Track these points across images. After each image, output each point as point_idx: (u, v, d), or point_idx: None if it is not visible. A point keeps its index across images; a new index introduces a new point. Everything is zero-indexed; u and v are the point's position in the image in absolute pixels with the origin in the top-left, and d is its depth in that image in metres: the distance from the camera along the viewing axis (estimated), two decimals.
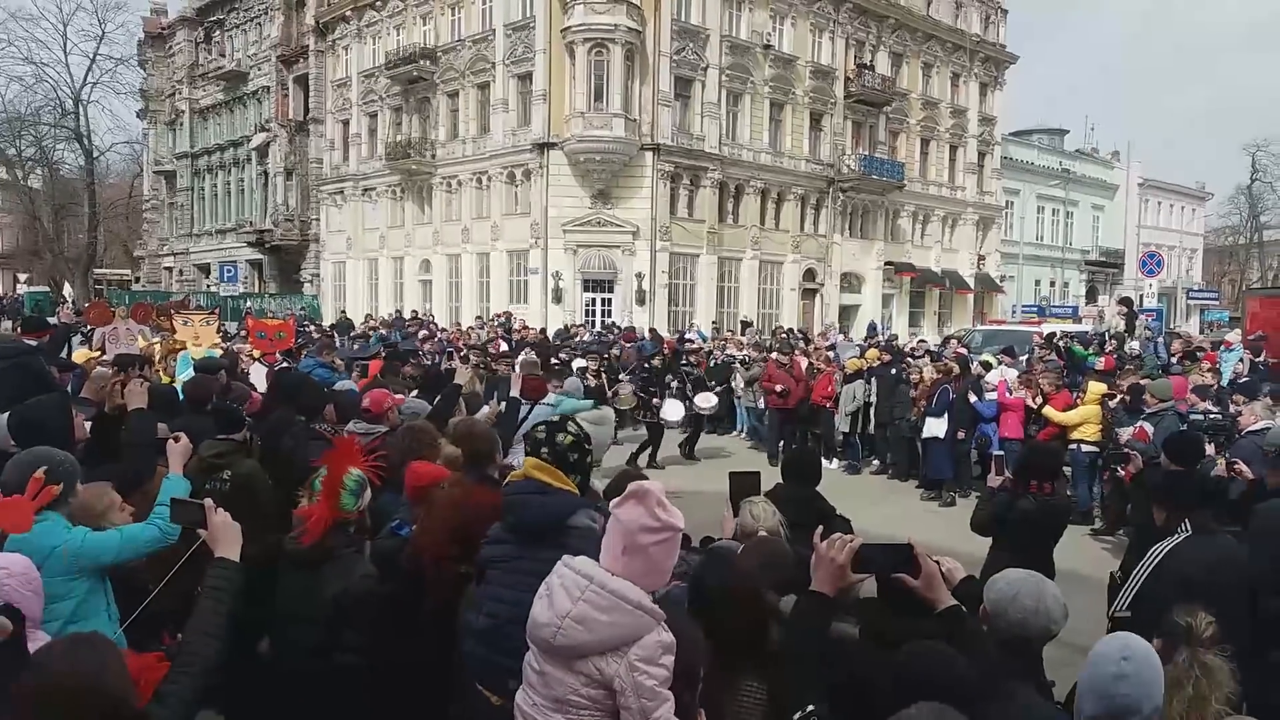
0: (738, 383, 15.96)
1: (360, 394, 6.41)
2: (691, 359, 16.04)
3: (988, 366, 12.52)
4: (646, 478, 4.33)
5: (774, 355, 15.01)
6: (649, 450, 13.44)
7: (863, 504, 10.87)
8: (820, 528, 2.57)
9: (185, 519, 2.98)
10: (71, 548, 3.12)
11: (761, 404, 15.01)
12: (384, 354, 12.00)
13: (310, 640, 3.28)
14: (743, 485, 4.23)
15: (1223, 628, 2.79)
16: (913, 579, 2.47)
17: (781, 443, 13.63)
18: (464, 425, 5.20)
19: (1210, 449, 6.93)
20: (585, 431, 3.18)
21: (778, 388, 13.74)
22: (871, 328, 27.26)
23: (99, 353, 10.30)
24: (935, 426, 11.64)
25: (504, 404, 7.20)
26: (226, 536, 2.66)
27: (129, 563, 3.28)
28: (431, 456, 4.46)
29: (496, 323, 23.40)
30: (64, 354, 9.99)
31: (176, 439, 4.07)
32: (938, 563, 2.47)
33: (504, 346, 16.39)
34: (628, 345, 17.87)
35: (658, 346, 16.95)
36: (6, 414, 4.19)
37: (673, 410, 13.55)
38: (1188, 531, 4.15)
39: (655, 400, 13.60)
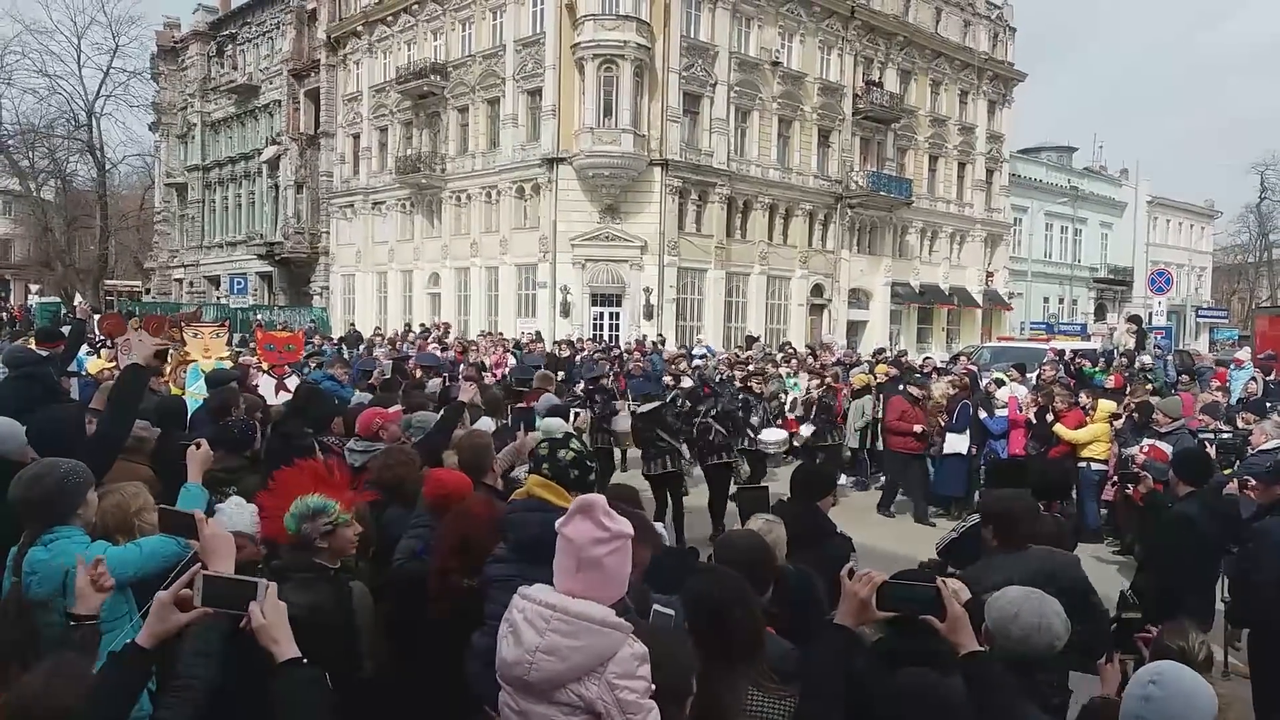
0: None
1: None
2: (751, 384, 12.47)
3: (1000, 384, 12.43)
4: (636, 491, 4.35)
5: (908, 387, 11.82)
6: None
7: (869, 520, 10.89)
8: (849, 564, 2.52)
9: (174, 529, 2.82)
10: None
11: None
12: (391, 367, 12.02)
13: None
14: (752, 501, 4.21)
15: None
16: (939, 621, 2.37)
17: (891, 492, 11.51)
18: (463, 436, 5.20)
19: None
20: (589, 449, 3.16)
21: (916, 428, 11.12)
22: (879, 351, 27.25)
23: (113, 364, 10.32)
24: (957, 443, 11.40)
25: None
26: (219, 549, 2.44)
27: (151, 577, 3.22)
28: (408, 475, 4.41)
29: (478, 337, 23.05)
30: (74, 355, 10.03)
31: (198, 445, 3.93)
32: (938, 589, 2.42)
33: (511, 361, 16.36)
34: (640, 359, 17.79)
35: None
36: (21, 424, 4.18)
37: (773, 435, 11.46)
38: None
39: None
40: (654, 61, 29.14)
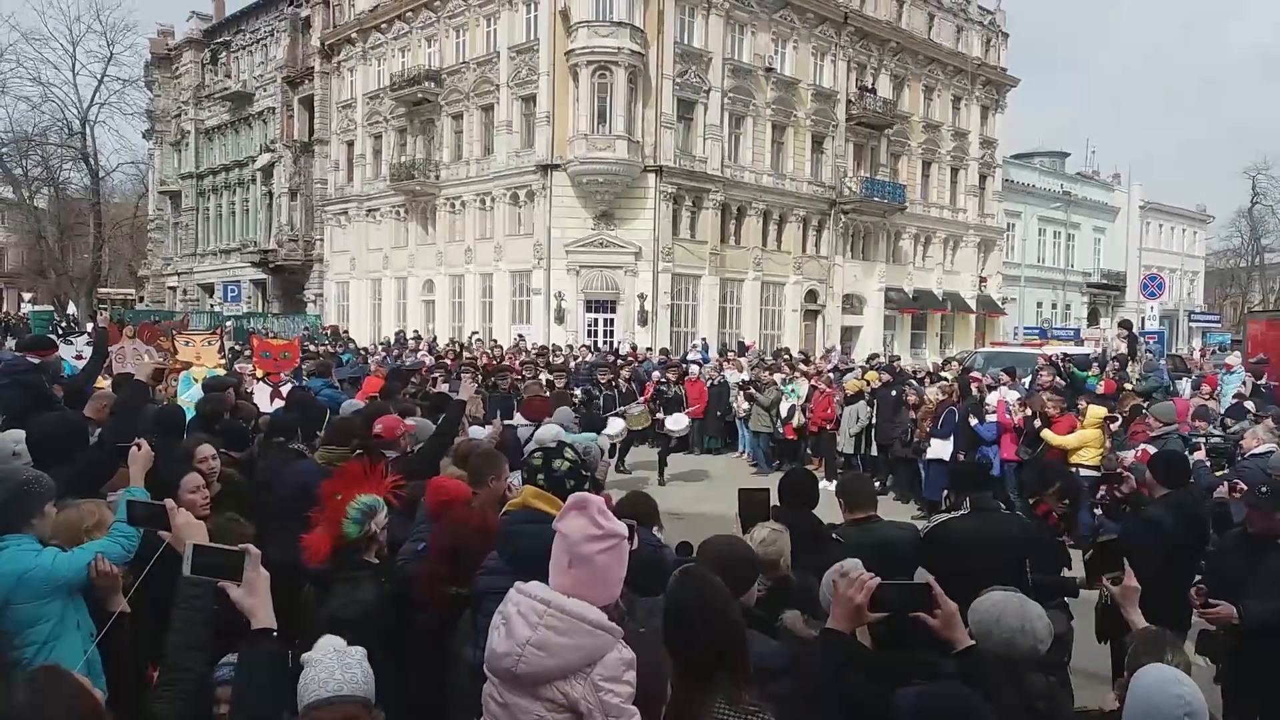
0: (740, 405, 15.92)
1: (363, 415, 6.42)
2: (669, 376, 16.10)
3: (990, 388, 12.49)
4: (654, 501, 4.34)
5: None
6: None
7: None
8: (836, 566, 2.55)
9: (145, 521, 2.80)
10: (42, 571, 3.09)
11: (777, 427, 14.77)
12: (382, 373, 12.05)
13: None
14: (752, 502, 4.20)
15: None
16: (931, 619, 2.43)
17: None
18: (467, 447, 5.18)
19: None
20: (582, 458, 3.17)
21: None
22: (872, 356, 27.33)
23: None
24: (940, 448, 11.56)
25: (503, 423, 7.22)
26: (192, 538, 2.38)
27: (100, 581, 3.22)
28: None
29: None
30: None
31: (139, 446, 3.83)
32: (929, 587, 2.45)
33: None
34: (638, 365, 18.19)
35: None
36: (15, 429, 4.20)
37: (676, 422, 13.97)
38: (967, 509, 4.82)
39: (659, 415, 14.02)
40: (648, 68, 29.20)
